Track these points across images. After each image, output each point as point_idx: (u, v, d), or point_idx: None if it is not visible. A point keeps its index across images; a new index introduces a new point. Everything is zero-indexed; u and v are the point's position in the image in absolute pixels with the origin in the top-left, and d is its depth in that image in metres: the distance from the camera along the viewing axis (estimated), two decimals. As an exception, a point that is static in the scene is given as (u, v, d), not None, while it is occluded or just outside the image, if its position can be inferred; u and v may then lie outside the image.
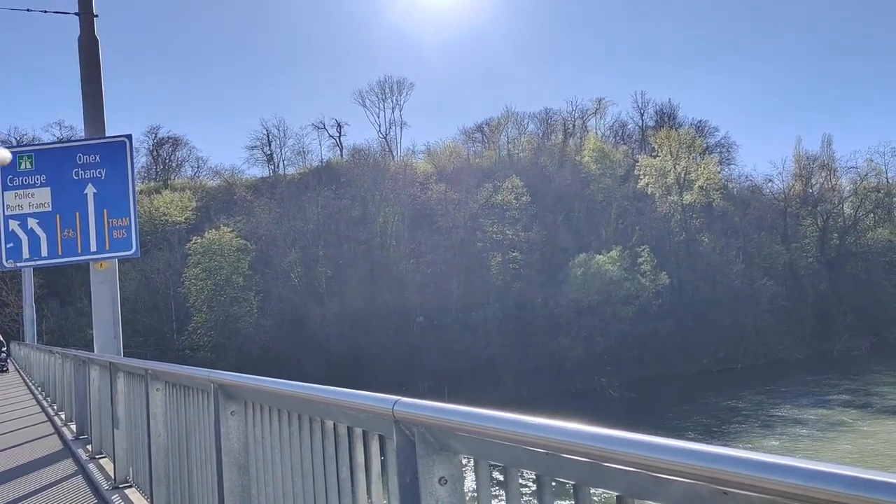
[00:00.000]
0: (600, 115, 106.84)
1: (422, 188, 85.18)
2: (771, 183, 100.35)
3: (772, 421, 52.40)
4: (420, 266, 76.46)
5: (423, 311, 73.62)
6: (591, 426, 1.80)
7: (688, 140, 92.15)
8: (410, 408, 2.36)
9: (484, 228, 78.92)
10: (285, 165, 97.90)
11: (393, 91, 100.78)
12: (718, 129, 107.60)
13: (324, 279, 75.19)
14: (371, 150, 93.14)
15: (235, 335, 69.36)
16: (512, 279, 76.22)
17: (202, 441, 5.07)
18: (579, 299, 73.98)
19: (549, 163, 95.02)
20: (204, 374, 4.67)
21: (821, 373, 68.30)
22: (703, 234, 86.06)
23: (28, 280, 45.31)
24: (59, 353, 16.95)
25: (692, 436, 45.67)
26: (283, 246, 75.80)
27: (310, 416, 3.40)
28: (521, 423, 1.95)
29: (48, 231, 12.70)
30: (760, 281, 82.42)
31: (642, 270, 76.82)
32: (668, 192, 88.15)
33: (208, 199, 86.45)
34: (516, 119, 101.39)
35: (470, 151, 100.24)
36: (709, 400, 60.64)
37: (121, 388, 8.20)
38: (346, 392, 2.91)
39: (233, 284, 71.52)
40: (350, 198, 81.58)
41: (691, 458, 1.41)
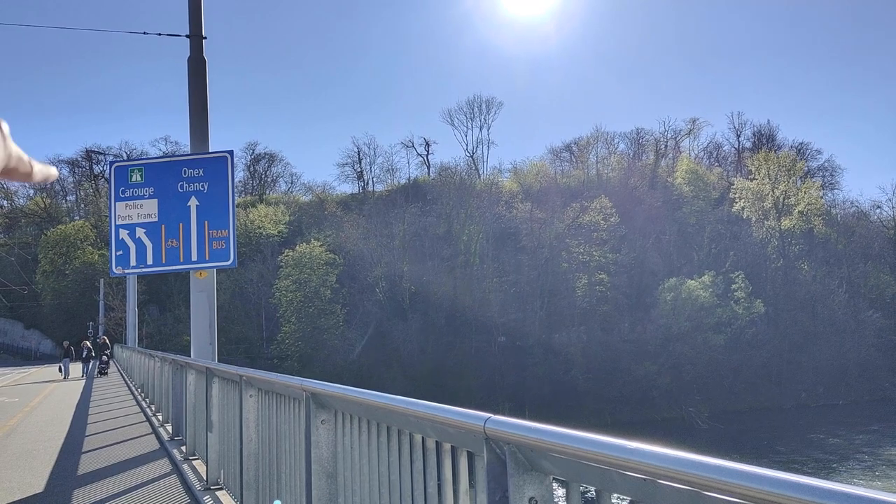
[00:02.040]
0: (694, 136, 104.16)
1: (507, 207, 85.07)
2: (879, 209, 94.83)
3: (874, 462, 49.03)
4: (503, 285, 76.15)
5: (506, 332, 73.18)
6: (692, 453, 1.74)
7: (787, 163, 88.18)
8: (502, 426, 2.34)
9: (570, 249, 77.86)
10: (374, 182, 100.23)
11: (481, 110, 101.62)
12: (821, 152, 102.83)
13: (408, 295, 76.02)
14: (457, 169, 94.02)
15: (321, 346, 70.96)
16: (598, 302, 74.73)
17: (292, 448, 5.20)
18: (668, 325, 71.71)
19: (640, 183, 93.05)
20: (297, 382, 4.79)
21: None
22: (802, 262, 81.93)
23: (132, 286, 47.93)
24: (158, 357, 17.76)
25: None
26: (370, 261, 77.20)
27: (398, 429, 3.42)
28: (617, 447, 1.90)
29: (154, 240, 13.40)
30: (866, 313, 77.63)
31: (736, 297, 73.80)
32: (766, 216, 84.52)
33: (300, 214, 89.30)
34: (606, 138, 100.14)
35: (557, 171, 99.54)
36: (806, 436, 57.40)
37: (215, 393, 8.51)
38: (436, 406, 2.91)
39: (321, 297, 73.32)
40: (435, 215, 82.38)
41: (806, 494, 1.31)
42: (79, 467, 10.65)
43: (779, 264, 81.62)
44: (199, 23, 14.53)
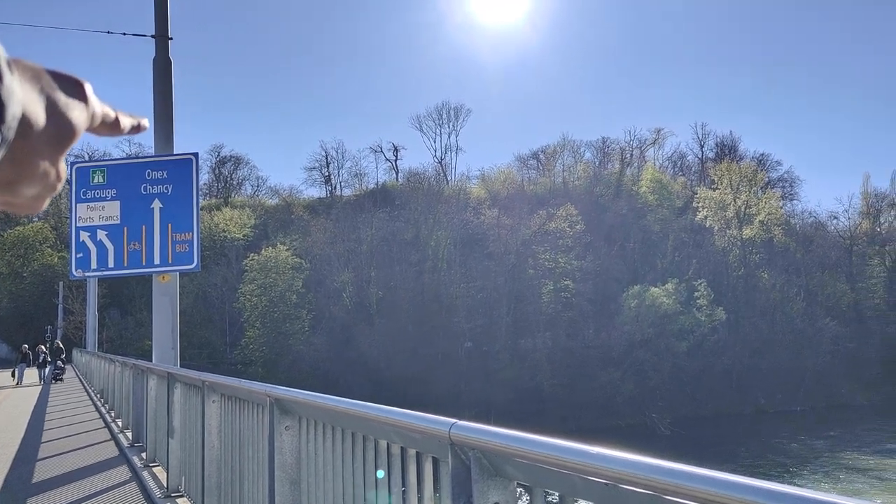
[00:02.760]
0: (659, 146, 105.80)
1: (475, 213, 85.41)
2: (836, 220, 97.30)
3: (829, 467, 50.18)
4: (470, 291, 76.35)
5: (472, 337, 73.31)
6: (653, 458, 1.77)
7: (749, 173, 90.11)
8: (467, 431, 2.36)
9: (536, 256, 78.41)
10: (342, 187, 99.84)
11: (450, 116, 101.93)
12: (781, 164, 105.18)
13: (375, 300, 75.76)
14: (426, 175, 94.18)
15: (286, 352, 70.30)
16: (563, 308, 75.33)
17: (255, 454, 5.14)
18: (632, 332, 72.58)
19: (605, 192, 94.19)
20: (261, 388, 4.75)
21: (886, 420, 65.16)
22: (762, 271, 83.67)
23: (92, 290, 46.87)
24: (118, 362, 17.43)
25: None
26: (337, 266, 76.78)
27: (363, 435, 3.42)
28: (580, 452, 1.93)
29: (116, 243, 13.16)
30: (823, 321, 79.53)
31: (698, 305, 75.03)
32: (728, 225, 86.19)
33: (266, 218, 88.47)
34: (573, 147, 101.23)
35: (524, 178, 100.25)
36: (764, 442, 58.50)
37: (177, 399, 8.39)
38: (401, 412, 2.92)
39: (286, 302, 72.66)
40: (404, 221, 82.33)
41: (765, 498, 1.35)
42: (33, 475, 10.39)
43: (740, 272, 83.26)
44: (165, 23, 14.35)
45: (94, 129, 0.90)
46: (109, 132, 0.95)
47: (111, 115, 0.92)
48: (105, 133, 0.94)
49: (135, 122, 0.99)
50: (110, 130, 0.94)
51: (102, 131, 0.92)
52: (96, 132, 0.91)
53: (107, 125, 0.92)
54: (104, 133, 0.93)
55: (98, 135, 0.93)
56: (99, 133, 0.92)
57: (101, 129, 0.91)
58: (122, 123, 0.96)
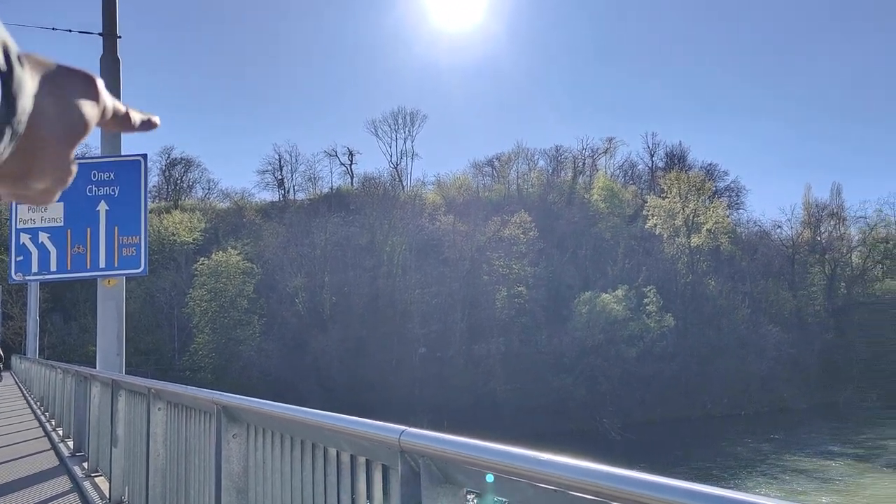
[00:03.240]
0: (610, 155, 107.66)
1: (430, 219, 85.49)
2: (779, 229, 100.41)
3: (772, 470, 51.61)
4: (425, 297, 76.31)
5: (426, 343, 73.24)
6: (602, 464, 1.78)
7: (697, 183, 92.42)
8: (417, 438, 2.34)
9: (491, 262, 78.87)
10: (295, 191, 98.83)
11: (406, 122, 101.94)
12: (728, 174, 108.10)
13: (328, 306, 75.09)
14: (381, 180, 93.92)
15: (237, 358, 69.10)
16: (517, 314, 75.89)
17: (202, 463, 5.03)
18: (583, 337, 73.53)
19: (558, 199, 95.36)
20: (208, 395, 4.65)
21: (825, 424, 67.41)
22: (709, 278, 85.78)
23: (33, 294, 45.34)
24: (60, 369, 16.91)
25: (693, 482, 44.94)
26: (290, 271, 75.88)
27: (313, 443, 3.37)
28: (530, 459, 1.93)
29: (58, 246, 12.75)
30: (766, 327, 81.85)
31: (648, 311, 76.46)
32: (676, 233, 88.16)
33: (217, 221, 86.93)
34: (526, 154, 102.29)
35: (479, 184, 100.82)
36: (711, 446, 59.83)
37: (122, 407, 8.16)
38: (351, 420, 2.88)
39: (237, 307, 71.48)
40: (358, 226, 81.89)
41: (706, 502, 1.38)
42: (-33, 487, 9.96)
43: (688, 280, 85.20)
44: (113, 21, 13.98)
45: (105, 124, 0.91)
46: (120, 127, 0.95)
47: (122, 109, 0.93)
48: (115, 128, 0.94)
49: (145, 117, 0.99)
50: (121, 126, 0.95)
51: (113, 126, 0.93)
52: (106, 127, 0.92)
53: (117, 120, 0.93)
54: (114, 128, 0.94)
55: (108, 129, 0.93)
56: (109, 128, 0.93)
57: (111, 124, 0.92)
58: (132, 119, 0.96)
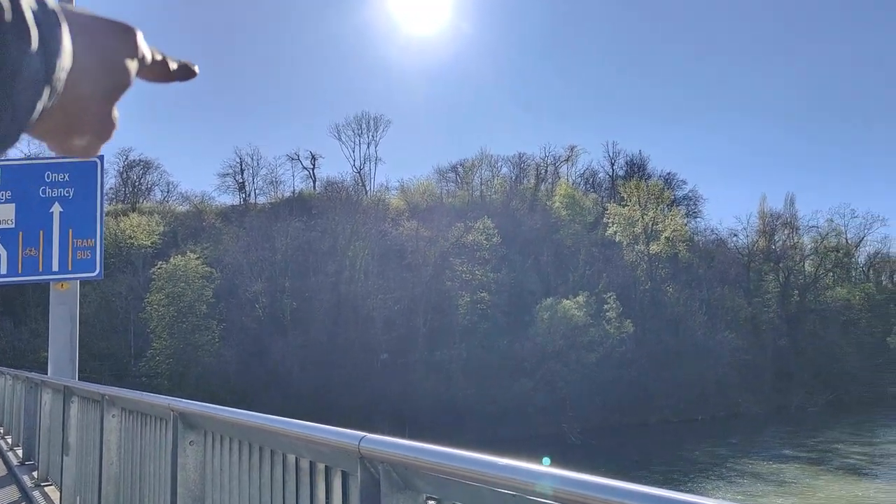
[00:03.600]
0: (572, 163, 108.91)
1: (393, 224, 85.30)
2: (735, 237, 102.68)
3: (730, 474, 52.64)
4: (387, 302, 76.04)
5: (388, 349, 72.95)
6: (559, 469, 1.80)
7: (656, 191, 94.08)
8: (377, 444, 2.34)
9: (453, 268, 79.01)
10: (257, 194, 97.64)
11: (369, 126, 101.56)
12: (686, 183, 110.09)
13: (289, 311, 74.32)
14: (344, 184, 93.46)
15: (195, 364, 67.91)
16: (479, 320, 76.12)
17: (157, 471, 4.93)
18: (544, 343, 74.07)
19: (521, 206, 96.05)
20: (164, 401, 4.57)
21: (778, 428, 69.01)
22: (668, 285, 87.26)
23: (-17, 297, 43.98)
24: (9, 375, 16.42)
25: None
26: (250, 275, 74.92)
27: (272, 449, 3.34)
28: (488, 464, 1.94)
29: (9, 248, 12.41)
30: (722, 333, 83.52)
31: (608, 317, 77.38)
32: (636, 241, 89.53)
33: (176, 225, 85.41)
34: (490, 161, 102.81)
35: (443, 190, 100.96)
36: (669, 450, 60.76)
37: (74, 414, 7.96)
38: (310, 426, 2.87)
39: (195, 312, 70.28)
40: (320, 230, 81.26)
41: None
42: None
43: (647, 286, 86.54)
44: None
45: (145, 75, 0.89)
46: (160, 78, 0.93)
47: (160, 59, 0.92)
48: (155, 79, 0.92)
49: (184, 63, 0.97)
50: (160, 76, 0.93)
51: (152, 78, 0.91)
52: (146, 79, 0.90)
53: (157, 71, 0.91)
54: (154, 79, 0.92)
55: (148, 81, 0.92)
56: (149, 80, 0.91)
57: (151, 76, 0.91)
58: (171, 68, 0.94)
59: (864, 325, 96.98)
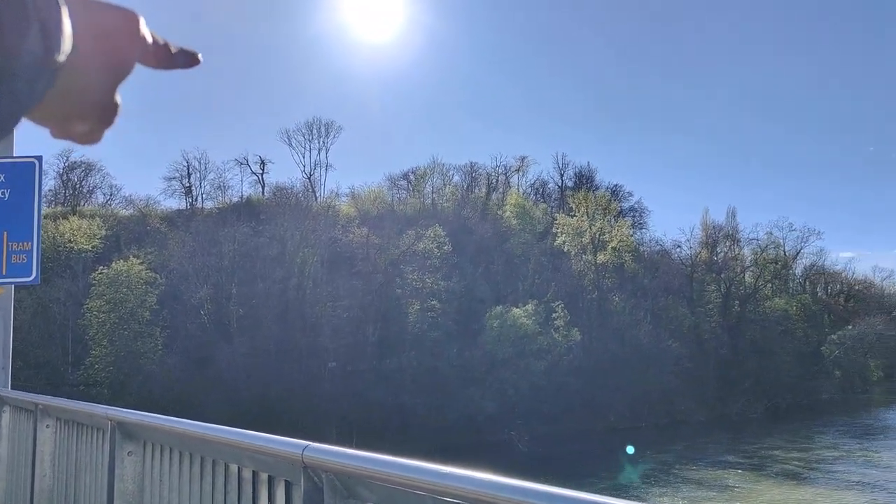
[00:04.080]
0: (522, 173, 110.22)
1: (343, 231, 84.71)
2: (679, 249, 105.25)
3: (675, 481, 53.74)
4: (336, 310, 75.38)
5: (337, 357, 72.27)
6: (506, 477, 1.81)
7: (604, 203, 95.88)
8: (321, 453, 2.31)
9: (404, 275, 78.87)
10: (204, 199, 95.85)
11: (320, 132, 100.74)
12: (633, 195, 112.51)
13: (235, 318, 73.01)
14: (294, 190, 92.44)
15: (136, 372, 66.07)
16: (429, 328, 76.08)
17: (93, 483, 4.78)
18: (494, 351, 74.48)
19: (472, 215, 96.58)
20: (102, 410, 4.43)
21: (720, 435, 70.79)
22: (614, 294, 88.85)
23: None
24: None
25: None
26: (195, 281, 73.36)
27: (213, 459, 3.27)
28: (433, 472, 1.94)
29: (-62, 251, 11.86)
30: (666, 342, 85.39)
31: (556, 326, 78.29)
32: (584, 251, 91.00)
33: (119, 229, 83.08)
34: (442, 169, 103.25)
35: (394, 198, 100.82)
36: (613, 458, 61.65)
37: (5, 424, 7.64)
38: (253, 435, 2.82)
39: (138, 319, 68.45)
40: (268, 236, 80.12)
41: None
42: None
43: (594, 295, 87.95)
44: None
45: (147, 61, 0.88)
46: (161, 65, 0.92)
47: (161, 44, 0.91)
48: (157, 66, 0.91)
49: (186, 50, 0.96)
50: (162, 62, 0.91)
51: (154, 64, 0.90)
52: (149, 65, 0.89)
53: (159, 57, 0.90)
54: (156, 66, 0.91)
55: (150, 67, 0.91)
56: (151, 66, 0.90)
57: (153, 62, 0.90)
58: (173, 54, 0.93)
59: (801, 335, 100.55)
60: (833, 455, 60.69)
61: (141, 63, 0.87)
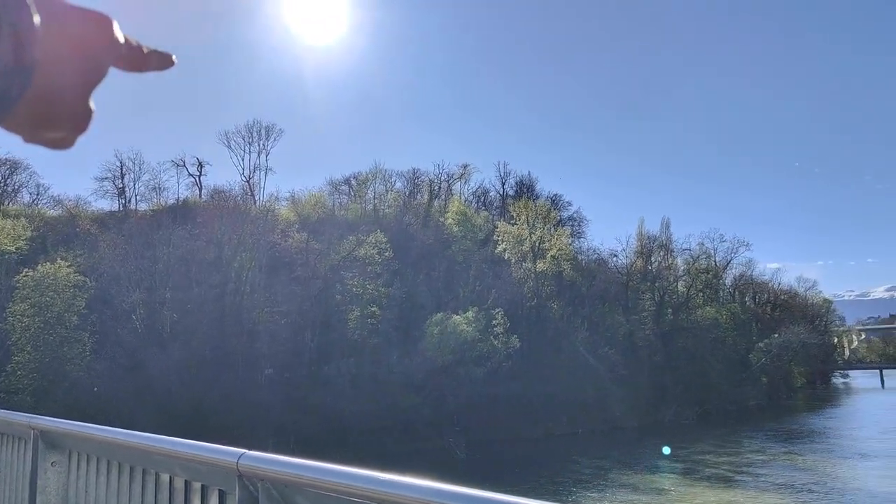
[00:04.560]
0: (465, 180, 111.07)
1: (283, 236, 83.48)
2: (616, 258, 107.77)
3: (610, 486, 54.69)
4: (274, 316, 74.14)
5: (274, 363, 71.06)
6: (443, 484, 1.81)
7: (544, 211, 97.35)
8: (257, 461, 2.27)
9: (344, 281, 78.20)
10: (138, 201, 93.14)
11: (261, 135, 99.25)
12: (572, 204, 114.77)
13: (169, 323, 70.96)
14: (232, 193, 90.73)
15: (63, 379, 63.42)
16: (369, 334, 75.62)
17: (13, 496, 4.56)
18: (434, 358, 74.52)
19: (414, 221, 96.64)
20: (23, 419, 4.23)
21: (653, 440, 72.46)
22: (552, 301, 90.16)
23: None
24: None
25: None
26: (128, 285, 71.05)
27: (143, 469, 3.17)
28: (370, 479, 1.93)
29: None
30: (602, 349, 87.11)
31: (495, 333, 78.88)
32: (524, 258, 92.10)
33: (46, 230, 79.82)
34: (384, 175, 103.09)
35: (335, 203, 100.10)
36: (549, 464, 62.40)
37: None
38: (186, 443, 2.74)
39: (65, 324, 65.77)
40: (205, 240, 78.26)
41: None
42: None
43: (533, 303, 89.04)
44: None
45: (120, 64, 0.87)
46: (136, 68, 0.90)
47: (134, 45, 0.89)
48: (131, 69, 0.90)
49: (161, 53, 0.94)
50: (137, 66, 0.90)
51: (129, 67, 0.89)
52: (122, 68, 0.88)
53: (133, 61, 0.89)
54: (129, 69, 0.90)
55: (123, 70, 0.89)
56: (124, 69, 0.89)
57: (126, 65, 0.88)
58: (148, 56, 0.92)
59: (730, 343, 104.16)
60: (761, 459, 62.87)
61: (114, 66, 0.85)
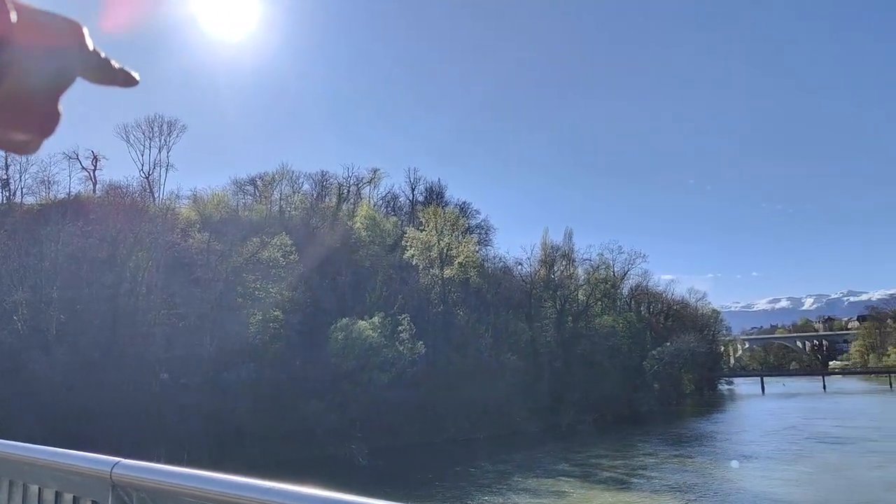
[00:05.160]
0: (374, 185, 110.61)
1: (183, 235, 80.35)
2: (521, 266, 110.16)
3: (510, 490, 55.60)
4: (171, 318, 71.23)
5: (169, 368, 68.23)
6: (331, 492, 1.76)
7: (452, 219, 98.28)
8: (132, 470, 2.14)
9: (246, 284, 76.07)
10: (24, 193, 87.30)
11: (162, 130, 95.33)
12: (480, 212, 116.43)
13: (55, 325, 66.85)
14: (129, 189, 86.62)
15: (-70, 384, 58.55)
16: (271, 339, 73.84)
17: None
18: (338, 363, 73.63)
19: (321, 224, 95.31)
20: None
21: (552, 445, 74.32)
22: (459, 308, 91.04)
23: None
24: None
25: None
26: (10, 283, 66.53)
27: (10, 480, 2.93)
28: (256, 489, 1.85)
29: None
30: (506, 355, 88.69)
31: (401, 338, 78.81)
32: (431, 265, 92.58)
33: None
34: (291, 177, 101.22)
35: (240, 203, 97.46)
36: (450, 470, 62.82)
37: None
38: (56, 451, 2.56)
39: (-65, 323, 60.83)
40: (99, 237, 74.27)
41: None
42: None
43: (439, 309, 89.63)
44: None
45: (87, 74, 0.88)
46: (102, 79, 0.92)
47: (103, 57, 0.91)
48: (98, 80, 0.91)
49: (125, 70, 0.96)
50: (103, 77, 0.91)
51: (95, 78, 0.90)
52: (89, 78, 0.89)
53: (101, 71, 0.90)
54: (97, 80, 0.91)
55: (89, 80, 0.90)
56: (90, 79, 0.90)
57: (93, 75, 0.89)
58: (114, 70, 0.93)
59: (626, 350, 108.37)
60: (653, 462, 65.63)
61: (82, 76, 0.87)
